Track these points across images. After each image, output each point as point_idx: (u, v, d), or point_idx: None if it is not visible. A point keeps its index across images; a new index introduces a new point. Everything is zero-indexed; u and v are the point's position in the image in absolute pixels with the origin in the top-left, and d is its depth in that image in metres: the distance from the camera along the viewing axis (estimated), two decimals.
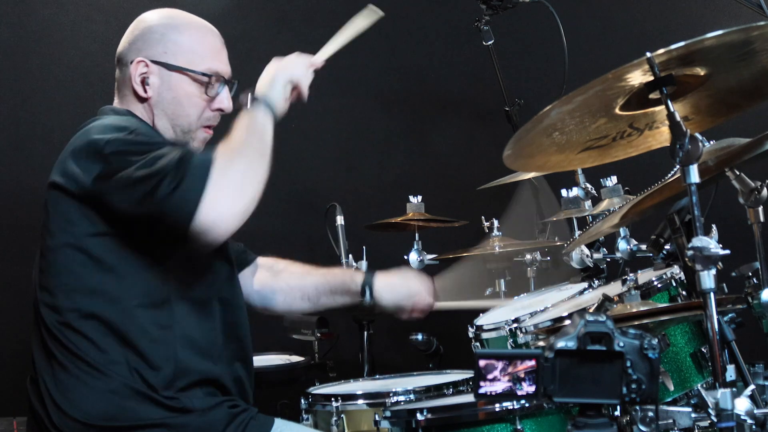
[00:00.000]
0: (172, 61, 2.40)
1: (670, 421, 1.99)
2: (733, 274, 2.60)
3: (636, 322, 2.36)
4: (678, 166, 2.10)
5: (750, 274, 2.60)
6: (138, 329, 2.23)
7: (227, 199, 2.10)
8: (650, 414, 1.91)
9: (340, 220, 3.68)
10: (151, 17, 2.46)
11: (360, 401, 2.84)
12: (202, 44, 2.44)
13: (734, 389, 1.96)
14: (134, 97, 2.42)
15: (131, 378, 2.22)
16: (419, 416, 2.48)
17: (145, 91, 2.39)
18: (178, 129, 2.42)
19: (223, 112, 2.46)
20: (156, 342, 2.24)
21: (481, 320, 3.22)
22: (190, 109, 2.41)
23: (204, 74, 2.41)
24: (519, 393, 1.74)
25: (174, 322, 2.27)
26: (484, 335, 3.03)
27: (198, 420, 2.23)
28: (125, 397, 2.21)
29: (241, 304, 2.50)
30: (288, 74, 2.42)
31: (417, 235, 3.84)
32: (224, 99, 2.44)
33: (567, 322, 1.98)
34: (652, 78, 2.15)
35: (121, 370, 2.22)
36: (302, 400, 2.99)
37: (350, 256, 3.66)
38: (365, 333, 3.55)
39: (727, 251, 2.02)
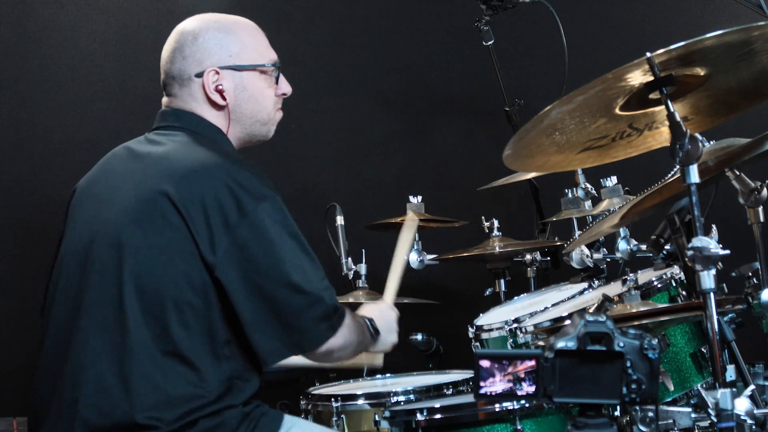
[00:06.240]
0: (241, 62, 2.41)
1: (670, 421, 1.99)
2: (733, 274, 2.60)
3: (636, 323, 2.36)
4: (678, 166, 2.11)
5: (750, 274, 2.60)
6: None
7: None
8: (650, 414, 1.91)
9: (340, 220, 3.68)
10: (193, 27, 2.43)
11: (360, 401, 2.84)
12: (256, 38, 2.48)
13: (734, 389, 1.96)
14: (210, 106, 2.41)
15: None
16: (419, 416, 2.49)
17: (224, 99, 2.40)
18: (258, 124, 2.45)
19: (286, 96, 2.51)
20: None
21: (481, 320, 3.22)
22: (265, 101, 2.45)
23: (272, 65, 2.46)
24: (519, 393, 1.74)
25: None
26: (484, 335, 3.03)
27: (212, 421, 2.21)
28: None
29: None
30: (394, 336, 2.60)
31: (417, 235, 3.83)
32: (285, 84, 2.50)
33: (567, 322, 1.97)
34: (652, 78, 2.15)
35: None
36: (302, 400, 2.99)
37: (350, 257, 3.66)
38: None
39: (727, 251, 2.02)
